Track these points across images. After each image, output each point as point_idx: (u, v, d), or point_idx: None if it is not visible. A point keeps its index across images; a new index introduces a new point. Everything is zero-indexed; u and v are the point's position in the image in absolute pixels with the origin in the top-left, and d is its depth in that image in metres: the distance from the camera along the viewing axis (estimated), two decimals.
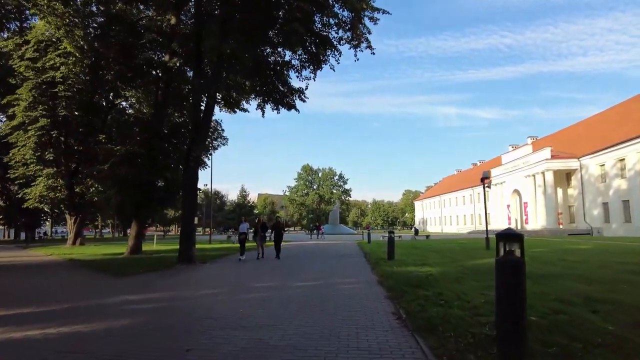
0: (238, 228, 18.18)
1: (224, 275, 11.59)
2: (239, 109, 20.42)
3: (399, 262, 13.05)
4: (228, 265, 14.15)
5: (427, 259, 14.56)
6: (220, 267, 13.50)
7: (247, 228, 16.96)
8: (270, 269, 12.73)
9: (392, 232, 14.38)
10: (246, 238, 16.84)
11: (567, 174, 48.92)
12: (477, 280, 8.88)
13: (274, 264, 14.14)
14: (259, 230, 16.78)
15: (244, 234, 16.82)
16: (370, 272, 11.32)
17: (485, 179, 21.81)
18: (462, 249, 20.25)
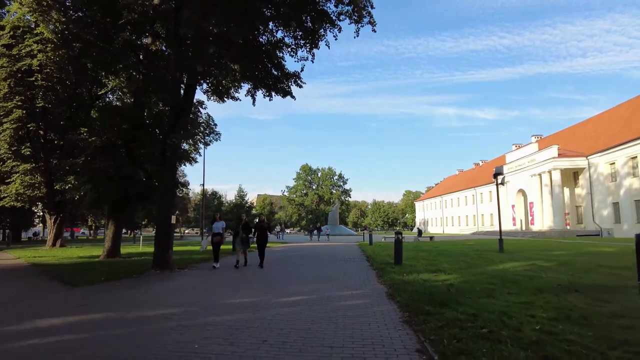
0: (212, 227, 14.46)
1: (195, 287, 9.18)
2: (229, 98, 18.62)
3: (409, 268, 11.27)
4: (207, 273, 11.75)
5: (439, 263, 12.79)
6: (198, 276, 11.20)
7: (222, 228, 13.65)
8: (255, 279, 10.37)
9: (399, 234, 12.55)
10: (222, 241, 13.71)
11: (574, 173, 47.22)
12: (513, 293, 7.10)
13: (259, 273, 11.52)
14: (240, 232, 13.90)
15: (218, 235, 13.47)
16: (375, 280, 9.50)
17: (498, 175, 20.02)
18: (473, 251, 18.48)
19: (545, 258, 14.14)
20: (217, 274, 11.39)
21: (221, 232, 13.56)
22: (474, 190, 73.44)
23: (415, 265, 12.20)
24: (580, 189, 46.55)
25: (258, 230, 13.47)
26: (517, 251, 18.16)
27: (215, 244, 13.38)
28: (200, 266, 13.59)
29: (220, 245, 13.51)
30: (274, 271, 11.85)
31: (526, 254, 16.67)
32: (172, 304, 6.76)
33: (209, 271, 12.14)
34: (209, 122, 28.40)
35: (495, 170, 20.13)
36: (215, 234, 13.48)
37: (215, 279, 10.49)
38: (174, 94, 13.01)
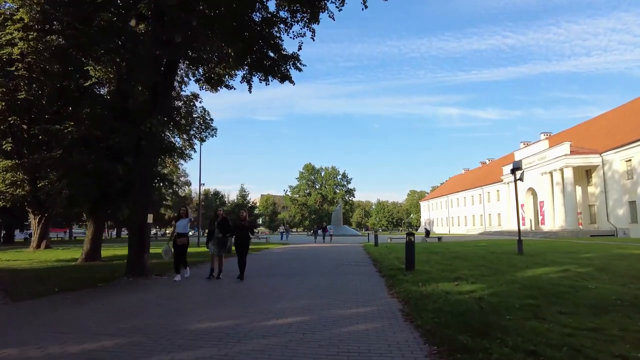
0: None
1: (159, 303, 7.11)
2: (223, 86, 17.07)
3: (423, 275, 9.65)
4: (185, 282, 9.66)
5: (456, 269, 11.16)
6: (172, 286, 9.12)
7: (188, 226, 10.63)
8: (238, 291, 8.28)
9: (411, 235, 10.88)
10: (187, 244, 10.34)
11: (587, 171, 45.43)
12: (566, 312, 5.48)
13: (244, 283, 9.32)
14: (216, 231, 10.29)
15: (183, 236, 10.24)
16: (386, 291, 7.86)
17: (516, 170, 18.35)
18: (489, 253, 16.81)
19: (576, 262, 12.47)
20: (193, 286, 9.19)
21: (186, 232, 10.36)
22: (480, 189, 71.69)
23: (429, 271, 10.56)
24: (593, 188, 44.74)
25: (236, 231, 10.27)
26: (537, 253, 16.48)
27: (179, 247, 10.15)
28: (193, 269, 11.93)
29: (186, 249, 10.36)
30: (262, 280, 9.81)
31: (550, 256, 15.01)
32: (114, 330, 5.07)
33: (196, 278, 10.40)
34: (205, 117, 26.83)
35: (513, 165, 18.46)
36: (179, 234, 10.19)
37: (189, 292, 8.52)
38: (151, 72, 11.40)
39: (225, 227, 10.38)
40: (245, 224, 10.34)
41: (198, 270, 11.87)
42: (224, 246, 10.41)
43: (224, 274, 10.49)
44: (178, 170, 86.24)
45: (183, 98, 25.98)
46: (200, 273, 11.24)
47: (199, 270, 11.85)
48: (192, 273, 11.02)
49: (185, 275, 10.36)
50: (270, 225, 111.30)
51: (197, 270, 11.95)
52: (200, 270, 11.98)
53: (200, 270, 11.98)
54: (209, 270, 10.64)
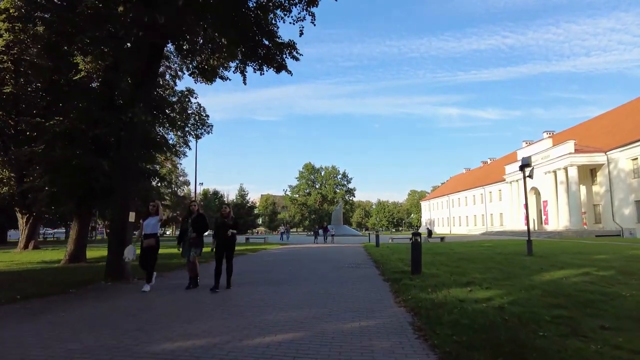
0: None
1: (129, 313, 6.03)
2: (218, 77, 16.22)
3: (431, 279, 8.77)
4: (167, 289, 8.36)
5: (466, 271, 10.28)
6: (149, 293, 7.91)
7: (158, 225, 8.81)
8: (222, 301, 7.07)
9: (417, 235, 9.97)
10: (156, 246, 8.65)
11: (591, 170, 44.57)
12: (610, 327, 4.60)
13: (226, 294, 7.79)
14: (189, 230, 8.55)
15: (151, 237, 8.57)
16: (392, 299, 6.96)
17: (526, 167, 17.46)
18: (498, 255, 15.92)
19: (593, 264, 11.58)
20: (173, 294, 7.84)
21: (155, 233, 8.62)
22: (482, 189, 70.80)
23: (437, 274, 9.68)
24: (598, 187, 43.86)
25: (219, 230, 8.37)
26: (547, 254, 15.60)
27: (145, 250, 8.47)
28: (170, 276, 10.98)
29: (155, 252, 8.63)
30: (252, 286, 8.55)
31: (561, 257, 14.13)
32: (59, 353, 4.03)
33: (171, 287, 8.89)
34: (200, 113, 25.96)
35: (522, 161, 17.56)
36: (146, 235, 8.48)
37: (166, 300, 7.23)
38: (133, 58, 10.51)
39: (200, 226, 8.56)
40: (229, 221, 8.44)
41: (181, 277, 10.97)
42: (198, 248, 8.62)
43: (201, 280, 8.90)
44: (177, 169, 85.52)
45: (178, 93, 25.13)
46: (180, 284, 9.36)
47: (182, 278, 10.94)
48: (172, 281, 9.59)
49: (146, 287, 8.26)
50: (270, 225, 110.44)
51: (181, 275, 11.06)
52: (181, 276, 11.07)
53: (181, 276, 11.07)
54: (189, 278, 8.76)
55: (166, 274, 10.96)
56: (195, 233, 8.52)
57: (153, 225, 8.64)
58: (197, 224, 8.61)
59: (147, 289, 8.20)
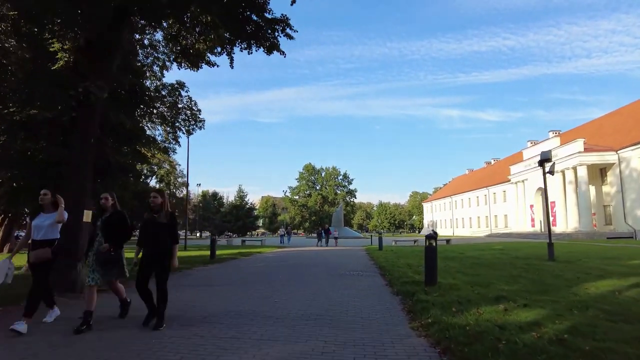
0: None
1: (36, 352, 4.17)
2: (205, 63, 14.64)
3: (452, 293, 7.12)
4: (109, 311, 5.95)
5: (488, 281, 8.63)
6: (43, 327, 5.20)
7: (54, 227, 5.50)
8: (166, 338, 4.66)
9: (433, 238, 8.23)
10: (51, 259, 5.36)
11: (601, 170, 42.94)
12: None
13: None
14: (98, 236, 5.53)
15: (43, 245, 5.32)
16: (406, 323, 5.29)
17: (545, 162, 15.80)
18: (515, 260, 14.28)
19: (636, 272, 9.96)
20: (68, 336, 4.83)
21: (54, 238, 5.45)
22: (486, 189, 69.19)
23: (456, 285, 8.04)
24: (608, 187, 42.22)
25: (145, 233, 5.40)
26: (572, 259, 13.95)
27: (34, 266, 5.34)
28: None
29: (48, 268, 5.39)
30: (225, 305, 6.58)
31: (590, 263, 12.50)
32: None
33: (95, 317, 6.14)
34: (192, 107, 24.37)
35: (541, 155, 15.91)
36: (35, 242, 5.37)
37: (89, 339, 4.70)
38: (92, 23, 8.87)
39: (116, 231, 5.51)
40: (161, 218, 5.30)
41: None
42: (113, 266, 5.52)
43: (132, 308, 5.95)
44: (175, 170, 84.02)
45: (167, 86, 23.56)
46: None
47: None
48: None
49: (49, 317, 5.59)
50: (270, 227, 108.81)
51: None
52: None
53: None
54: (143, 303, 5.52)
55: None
56: (108, 243, 5.40)
57: (46, 227, 5.37)
58: (111, 227, 5.47)
59: (49, 319, 5.54)
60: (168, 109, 23.96)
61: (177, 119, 24.44)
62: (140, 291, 5.35)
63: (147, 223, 5.39)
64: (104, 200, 5.63)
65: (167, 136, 23.65)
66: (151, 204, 5.40)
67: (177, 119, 24.49)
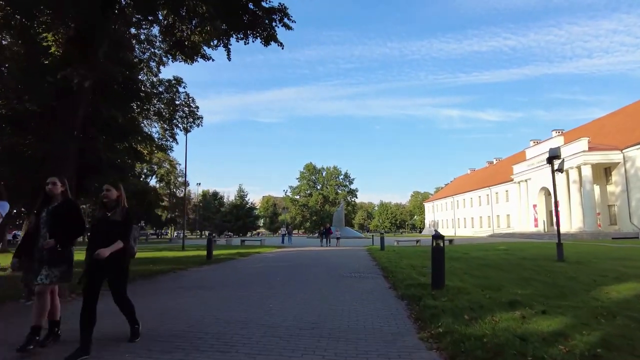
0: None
1: None
2: (201, 57, 14.16)
3: (461, 297, 6.58)
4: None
5: (499, 284, 8.08)
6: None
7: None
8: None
9: (440, 238, 7.69)
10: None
11: (605, 169, 42.34)
12: None
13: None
14: (42, 232, 4.46)
15: None
16: (414, 333, 4.78)
17: (554, 159, 15.27)
18: (523, 260, 13.73)
19: None
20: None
21: None
22: (488, 189, 68.57)
23: (465, 289, 7.49)
24: (613, 186, 41.63)
25: (94, 229, 4.44)
26: (582, 260, 13.39)
27: None
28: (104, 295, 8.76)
29: None
30: (212, 311, 6.00)
31: (603, 265, 11.94)
32: None
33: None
34: (189, 104, 23.84)
35: (550, 152, 15.36)
36: None
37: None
38: (79, 10, 8.31)
39: (65, 223, 4.49)
40: (116, 216, 4.43)
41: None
42: (58, 267, 4.38)
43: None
44: (175, 169, 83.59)
45: (165, 83, 23.05)
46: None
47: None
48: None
49: None
50: (271, 227, 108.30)
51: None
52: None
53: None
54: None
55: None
56: (53, 238, 4.38)
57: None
58: (59, 219, 4.47)
59: None
60: (165, 106, 23.44)
61: (174, 116, 23.92)
62: (84, 308, 4.13)
63: (99, 221, 4.46)
64: (50, 186, 4.54)
65: (163, 133, 23.15)
66: (104, 199, 4.47)
67: (175, 116, 23.97)
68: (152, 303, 6.80)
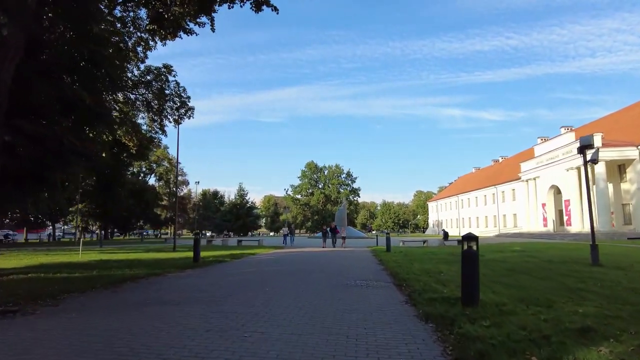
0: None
1: None
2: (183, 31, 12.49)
3: (506, 320, 4.84)
4: None
5: (547, 297, 6.33)
6: None
7: None
8: None
9: (472, 239, 5.93)
10: None
11: (619, 166, 40.51)
12: None
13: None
14: None
15: None
16: None
17: (586, 149, 13.53)
18: (554, 264, 11.99)
19: None
20: None
21: None
22: (494, 188, 66.72)
23: (504, 304, 5.76)
24: (628, 184, 39.79)
25: None
26: (622, 265, 11.61)
27: None
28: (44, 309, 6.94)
29: None
30: (151, 342, 4.25)
31: None
32: None
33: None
34: (180, 94, 22.18)
35: (582, 140, 13.63)
36: None
37: None
38: None
39: None
40: None
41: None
42: None
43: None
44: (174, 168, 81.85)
45: (153, 70, 21.39)
46: None
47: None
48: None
49: None
50: (272, 227, 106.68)
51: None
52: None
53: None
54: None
55: None
56: None
57: None
58: None
59: None
60: (154, 96, 21.75)
61: (164, 106, 22.26)
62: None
63: None
64: None
65: (151, 124, 21.52)
66: None
67: (164, 106, 22.32)
68: (87, 323, 5.14)
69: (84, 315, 5.72)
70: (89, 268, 11.99)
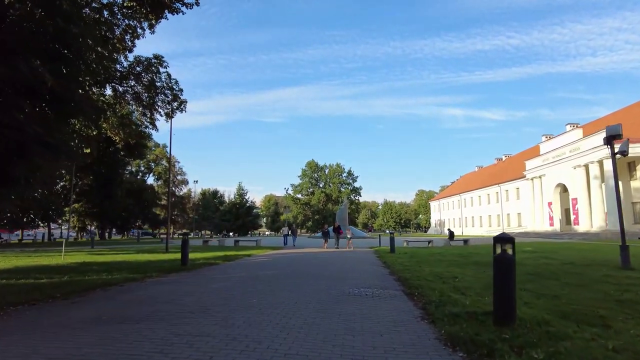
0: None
1: None
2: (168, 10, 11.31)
3: (560, 348, 3.67)
4: None
5: (595, 312, 5.17)
6: None
7: None
8: None
9: (508, 242, 4.70)
10: None
11: (629, 164, 39.33)
12: None
13: None
14: None
15: None
16: None
17: (614, 139, 12.36)
18: (576, 266, 10.80)
19: None
20: None
21: None
22: (498, 187, 65.52)
23: (548, 322, 4.57)
24: (637, 182, 38.62)
25: None
26: None
27: None
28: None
29: None
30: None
31: None
32: None
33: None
34: (172, 86, 20.99)
35: (608, 131, 12.44)
36: None
37: None
38: None
39: None
40: None
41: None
42: None
43: None
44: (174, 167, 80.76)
45: (143, 62, 20.20)
46: None
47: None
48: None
49: None
50: (272, 227, 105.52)
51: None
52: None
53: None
54: None
55: None
56: None
57: None
58: None
59: None
60: (144, 89, 20.56)
61: (155, 99, 21.08)
62: None
63: None
64: None
65: (140, 118, 20.33)
66: None
67: (155, 99, 21.13)
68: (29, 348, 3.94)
69: (27, 337, 4.51)
70: (64, 272, 10.80)
